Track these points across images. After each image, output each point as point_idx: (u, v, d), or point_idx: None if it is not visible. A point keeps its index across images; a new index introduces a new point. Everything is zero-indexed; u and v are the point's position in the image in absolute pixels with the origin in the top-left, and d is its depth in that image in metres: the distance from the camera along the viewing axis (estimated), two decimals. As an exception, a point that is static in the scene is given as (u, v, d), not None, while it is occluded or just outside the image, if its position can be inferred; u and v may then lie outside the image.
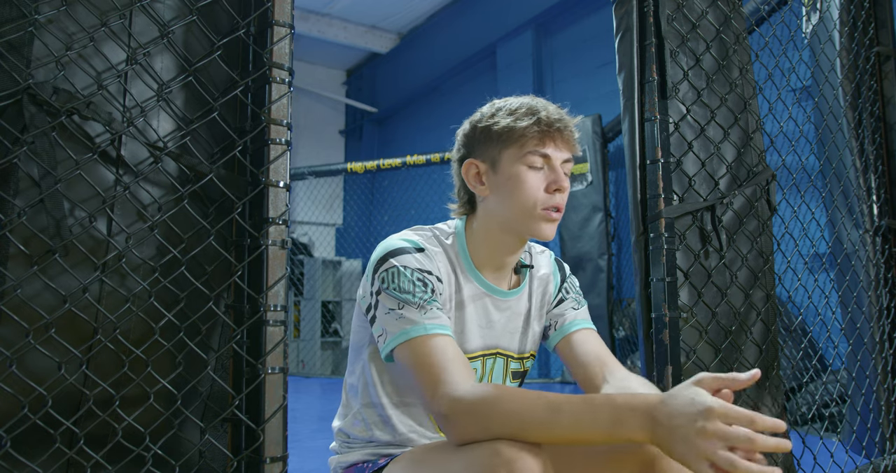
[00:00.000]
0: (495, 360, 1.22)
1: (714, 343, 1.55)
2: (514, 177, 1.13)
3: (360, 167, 6.17)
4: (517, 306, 1.24)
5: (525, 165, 1.13)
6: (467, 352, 1.17)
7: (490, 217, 1.18)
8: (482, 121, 1.18)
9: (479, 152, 1.18)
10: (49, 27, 0.83)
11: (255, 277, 0.96)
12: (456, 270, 1.18)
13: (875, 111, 2.32)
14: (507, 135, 1.14)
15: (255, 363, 0.93)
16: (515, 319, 1.24)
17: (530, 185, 1.12)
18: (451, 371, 0.98)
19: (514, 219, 1.15)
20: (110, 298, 0.84)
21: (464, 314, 1.17)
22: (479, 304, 1.19)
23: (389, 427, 1.18)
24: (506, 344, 1.23)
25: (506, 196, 1.14)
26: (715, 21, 1.69)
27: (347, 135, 8.79)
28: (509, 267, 1.23)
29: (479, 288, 1.19)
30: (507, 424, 0.91)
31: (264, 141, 0.97)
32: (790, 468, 1.66)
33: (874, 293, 2.18)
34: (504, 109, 1.16)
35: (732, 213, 1.64)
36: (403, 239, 1.14)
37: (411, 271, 1.09)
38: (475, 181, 1.18)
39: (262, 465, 0.91)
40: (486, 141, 1.16)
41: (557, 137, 1.14)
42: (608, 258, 5.02)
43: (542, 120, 1.12)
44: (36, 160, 0.80)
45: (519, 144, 1.13)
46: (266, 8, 1.01)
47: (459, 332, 1.16)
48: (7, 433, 0.75)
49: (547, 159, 1.14)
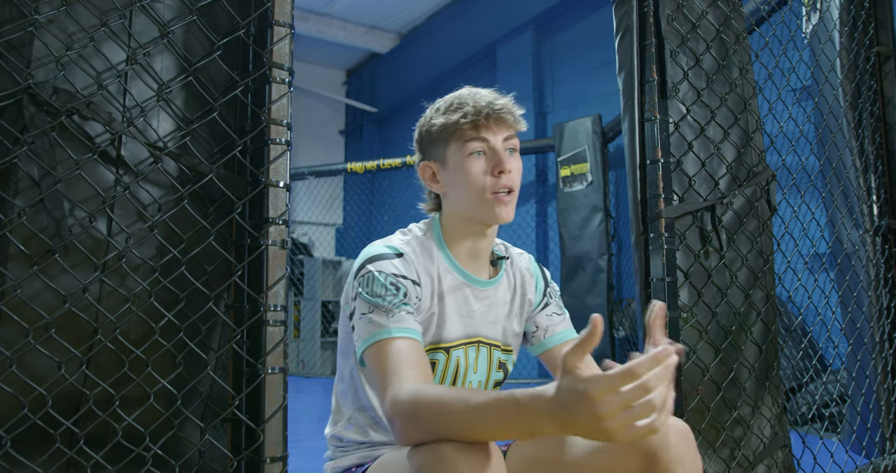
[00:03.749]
0: (478, 349, 1.25)
1: (714, 343, 1.55)
2: (460, 169, 1.19)
3: (360, 167, 6.17)
4: (495, 295, 1.28)
5: (466, 155, 1.19)
6: (448, 341, 1.20)
7: (452, 210, 1.25)
8: (424, 124, 1.25)
9: (429, 154, 1.25)
10: (49, 27, 0.83)
11: (255, 277, 0.96)
12: (437, 265, 1.22)
13: (875, 111, 2.32)
14: (445, 131, 1.20)
15: (255, 363, 0.93)
16: (495, 309, 1.28)
17: (474, 173, 1.18)
18: (399, 373, 1.00)
19: (470, 207, 1.20)
20: (110, 298, 0.84)
21: (444, 304, 1.21)
22: (459, 294, 1.23)
23: (383, 427, 1.20)
24: (487, 332, 1.26)
25: (458, 189, 1.20)
26: (715, 21, 1.69)
27: (347, 135, 8.78)
28: (484, 255, 1.28)
29: (459, 279, 1.24)
30: (437, 426, 0.89)
31: (264, 141, 0.97)
32: (790, 468, 1.66)
33: (874, 293, 2.18)
34: (439, 108, 1.23)
35: (732, 213, 1.64)
36: (384, 246, 1.18)
37: (385, 275, 1.12)
38: (431, 181, 1.25)
39: (262, 465, 0.91)
40: (431, 142, 1.23)
41: (491, 121, 1.19)
42: (608, 258, 5.01)
43: (470, 110, 1.18)
44: (36, 160, 0.80)
45: (456, 137, 1.19)
46: (266, 8, 1.01)
47: (441, 323, 1.20)
48: (7, 433, 0.75)
49: (486, 144, 1.19)
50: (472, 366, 1.24)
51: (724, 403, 1.54)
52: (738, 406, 1.55)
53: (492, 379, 1.27)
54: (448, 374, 1.21)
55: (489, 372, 1.26)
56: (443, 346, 1.20)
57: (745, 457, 1.55)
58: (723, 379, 1.54)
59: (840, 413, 2.77)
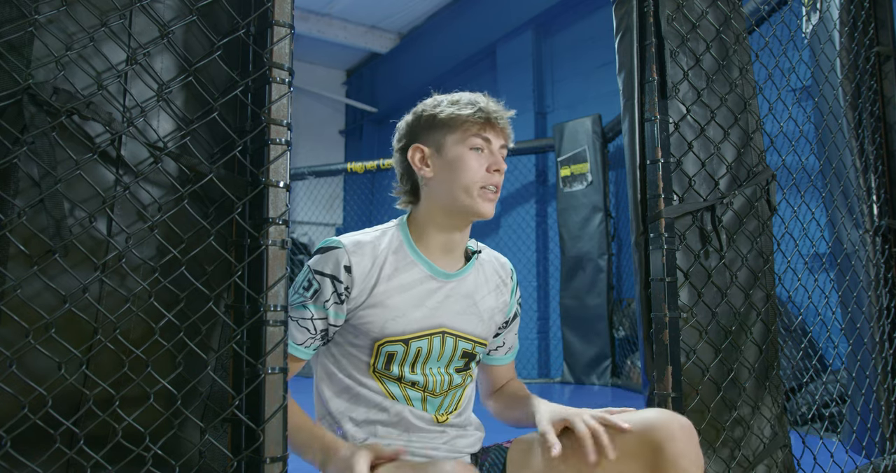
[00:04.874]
0: (444, 339, 1.28)
1: (714, 343, 1.55)
2: (458, 158, 1.25)
3: (360, 167, 6.17)
4: (462, 287, 1.32)
5: (467, 148, 1.25)
6: (408, 333, 1.25)
7: (433, 199, 1.29)
8: (427, 110, 1.30)
9: (423, 138, 1.29)
10: (49, 27, 0.83)
11: (255, 277, 0.96)
12: (397, 259, 1.27)
13: (875, 111, 2.32)
14: (452, 121, 1.26)
15: (255, 363, 0.93)
16: (460, 300, 1.31)
17: (472, 165, 1.25)
18: None
19: (456, 197, 1.25)
20: (110, 298, 0.84)
21: (403, 298, 1.25)
22: (423, 287, 1.27)
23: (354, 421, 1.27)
24: (452, 323, 1.29)
25: (448, 176, 1.26)
26: (715, 21, 1.69)
27: (347, 135, 8.78)
28: (459, 250, 1.33)
29: (424, 271, 1.28)
30: None
31: (264, 141, 0.97)
32: (790, 468, 1.66)
33: (874, 293, 2.18)
34: (447, 101, 1.29)
35: (732, 213, 1.64)
36: (332, 239, 1.26)
37: (306, 272, 1.23)
38: (420, 164, 1.29)
39: (262, 465, 0.91)
40: (430, 127, 1.28)
41: (496, 125, 1.27)
42: (608, 258, 5.01)
43: (483, 109, 1.26)
44: (36, 160, 0.80)
45: (462, 129, 1.26)
46: (266, 8, 1.01)
47: (395, 316, 1.24)
48: (7, 433, 0.75)
49: (487, 143, 1.27)
50: (437, 355, 1.28)
51: (724, 403, 1.54)
52: (738, 406, 1.56)
53: (452, 366, 1.31)
54: (407, 361, 1.26)
55: (450, 361, 1.30)
56: (401, 338, 1.25)
57: (745, 457, 1.55)
58: (723, 379, 1.55)
59: (840, 413, 2.77)
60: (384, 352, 1.23)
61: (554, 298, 5.73)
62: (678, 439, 1.10)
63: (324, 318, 1.22)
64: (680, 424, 1.13)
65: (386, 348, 1.23)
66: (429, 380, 1.26)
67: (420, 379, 1.26)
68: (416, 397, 1.26)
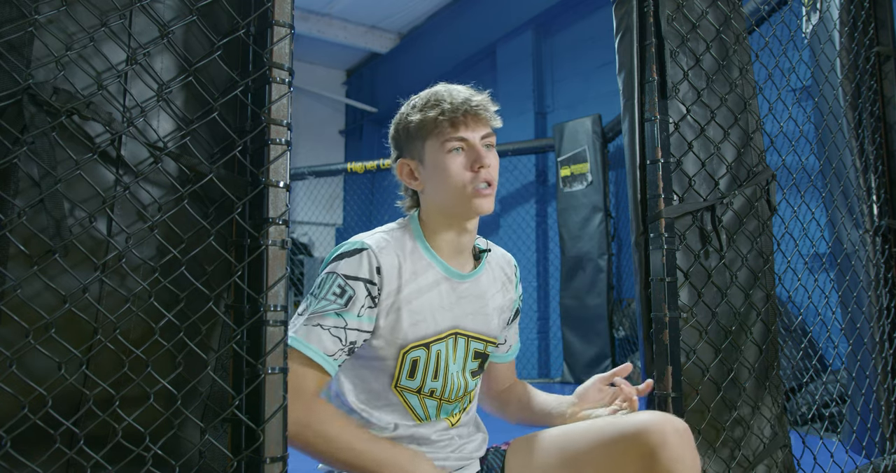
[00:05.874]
0: (456, 339, 1.26)
1: (714, 343, 1.55)
2: (439, 166, 1.20)
3: (360, 167, 6.17)
4: (475, 288, 1.30)
5: (445, 152, 1.20)
6: (428, 337, 1.21)
7: (431, 207, 1.26)
8: (401, 121, 1.27)
9: (407, 151, 1.26)
10: (49, 27, 0.83)
11: (255, 277, 0.96)
12: (415, 260, 1.23)
13: (875, 111, 2.32)
14: (422, 128, 1.21)
15: (255, 363, 0.93)
16: (475, 301, 1.29)
17: (454, 170, 1.20)
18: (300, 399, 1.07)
19: (450, 203, 1.22)
20: (110, 298, 0.84)
21: (425, 299, 1.22)
22: (441, 288, 1.24)
23: (375, 428, 1.22)
24: (464, 324, 1.27)
25: (437, 185, 1.22)
26: (715, 21, 1.69)
27: (347, 135, 8.78)
28: (467, 250, 1.30)
29: (441, 273, 1.25)
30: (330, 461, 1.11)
31: (264, 141, 0.97)
32: (790, 468, 1.66)
33: (874, 293, 2.18)
34: (415, 105, 1.25)
35: (732, 213, 1.64)
36: (353, 243, 1.20)
37: (335, 277, 1.16)
38: (409, 178, 1.26)
39: (262, 465, 0.90)
40: (408, 138, 1.25)
41: (469, 118, 1.20)
42: (608, 258, 5.01)
43: (447, 107, 1.19)
44: (36, 160, 0.80)
45: (435, 134, 1.21)
46: (266, 8, 1.00)
47: (419, 321, 1.20)
48: (7, 433, 0.75)
49: (463, 141, 1.20)
50: (452, 357, 1.25)
51: (724, 403, 1.54)
52: (738, 406, 1.56)
53: (467, 369, 1.29)
54: (430, 369, 1.22)
55: (465, 362, 1.28)
56: (423, 342, 1.22)
57: (745, 457, 1.55)
58: (723, 379, 1.55)
59: (840, 413, 2.77)
60: (409, 360, 1.20)
61: (554, 298, 5.73)
62: (671, 444, 1.07)
63: (357, 328, 1.15)
64: (674, 427, 1.10)
65: (410, 354, 1.20)
66: (447, 386, 1.24)
67: (439, 386, 1.23)
68: (433, 405, 1.24)
